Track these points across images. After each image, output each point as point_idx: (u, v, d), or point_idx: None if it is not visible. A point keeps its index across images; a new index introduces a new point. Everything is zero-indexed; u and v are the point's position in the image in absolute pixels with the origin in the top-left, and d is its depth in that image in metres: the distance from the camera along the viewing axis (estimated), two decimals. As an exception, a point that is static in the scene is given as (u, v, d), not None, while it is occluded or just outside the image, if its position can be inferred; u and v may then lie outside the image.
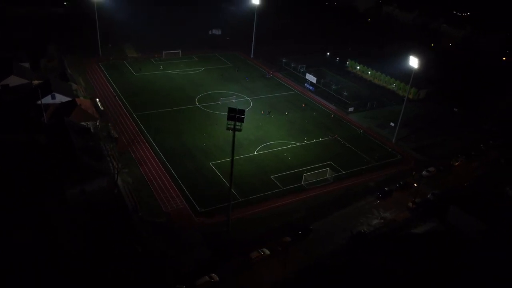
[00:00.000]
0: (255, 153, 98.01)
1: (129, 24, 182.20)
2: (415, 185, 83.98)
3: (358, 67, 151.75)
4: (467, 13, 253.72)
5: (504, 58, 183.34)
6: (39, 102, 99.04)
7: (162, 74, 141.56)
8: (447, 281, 57.74)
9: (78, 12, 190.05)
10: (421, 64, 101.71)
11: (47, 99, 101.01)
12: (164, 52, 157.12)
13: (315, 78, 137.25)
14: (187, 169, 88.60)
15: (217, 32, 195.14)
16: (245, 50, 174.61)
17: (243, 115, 62.15)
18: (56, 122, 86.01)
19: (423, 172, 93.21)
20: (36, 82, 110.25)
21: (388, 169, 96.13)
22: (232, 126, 63.01)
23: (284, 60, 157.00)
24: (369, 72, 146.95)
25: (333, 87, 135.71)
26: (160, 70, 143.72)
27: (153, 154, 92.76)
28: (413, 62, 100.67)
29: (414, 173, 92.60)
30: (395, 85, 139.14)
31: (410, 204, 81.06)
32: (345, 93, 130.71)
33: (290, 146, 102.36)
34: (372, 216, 78.72)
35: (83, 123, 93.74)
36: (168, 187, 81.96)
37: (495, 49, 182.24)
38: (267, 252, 66.14)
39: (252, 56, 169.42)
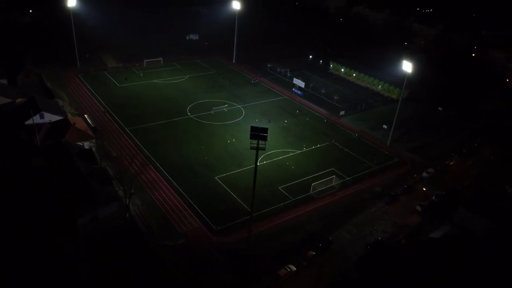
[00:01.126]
0: (258, 164, 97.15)
1: (104, 32, 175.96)
2: (424, 189, 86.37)
3: (342, 70, 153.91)
4: (430, 9, 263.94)
5: (473, 54, 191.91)
6: (28, 122, 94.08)
7: (147, 84, 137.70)
8: (472, 284, 59.87)
9: (47, 20, 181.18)
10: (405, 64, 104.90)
11: (35, 119, 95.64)
12: (145, 60, 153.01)
13: (303, 83, 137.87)
14: (193, 185, 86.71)
15: (194, 37, 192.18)
16: (226, 55, 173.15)
17: (266, 133, 61.34)
18: (54, 144, 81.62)
19: (423, 174, 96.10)
20: (19, 100, 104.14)
21: (388, 173, 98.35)
22: (256, 145, 61.93)
23: (269, 65, 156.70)
24: (354, 74, 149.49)
25: (323, 91, 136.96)
26: (142, 77, 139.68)
27: (156, 172, 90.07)
28: (407, 66, 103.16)
29: (415, 175, 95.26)
30: (380, 87, 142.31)
31: (417, 208, 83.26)
32: (335, 97, 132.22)
33: (291, 154, 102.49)
34: (385, 222, 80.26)
35: (79, 143, 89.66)
36: (178, 206, 79.90)
37: (465, 46, 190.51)
38: (294, 268, 65.95)
39: (234, 61, 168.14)
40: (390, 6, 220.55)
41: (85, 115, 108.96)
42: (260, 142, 61.92)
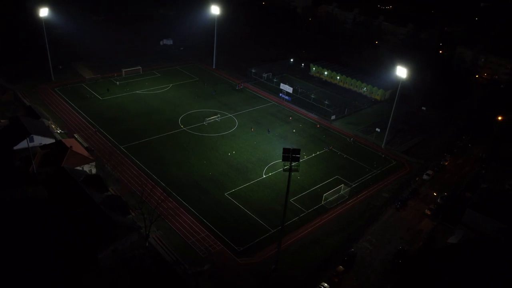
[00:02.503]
0: (264, 176, 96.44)
1: (73, 41, 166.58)
2: (434, 194, 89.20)
3: (326, 73, 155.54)
4: (389, 6, 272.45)
5: (440, 52, 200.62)
6: (17, 147, 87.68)
7: (131, 95, 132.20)
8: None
9: (14, 33, 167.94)
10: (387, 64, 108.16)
11: (23, 143, 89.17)
12: (123, 70, 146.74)
13: (291, 88, 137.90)
14: (205, 204, 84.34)
15: (168, 42, 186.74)
16: (205, 60, 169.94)
17: (299, 154, 60.65)
18: (55, 171, 76.25)
19: (424, 176, 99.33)
20: (3, 122, 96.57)
21: (390, 177, 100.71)
22: (288, 167, 61.04)
23: (253, 71, 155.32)
24: (338, 77, 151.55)
25: (312, 96, 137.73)
26: (121, 88, 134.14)
27: (164, 193, 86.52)
28: (401, 71, 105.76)
29: (417, 178, 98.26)
30: (366, 89, 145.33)
31: (427, 211, 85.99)
32: (326, 102, 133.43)
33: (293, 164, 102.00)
34: (400, 228, 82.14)
35: (78, 167, 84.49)
36: (195, 228, 77.34)
37: (433, 43, 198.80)
38: (326, 285, 65.95)
39: (214, 67, 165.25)
40: (359, 5, 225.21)
41: (75, 135, 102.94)
42: (294, 163, 61.01)
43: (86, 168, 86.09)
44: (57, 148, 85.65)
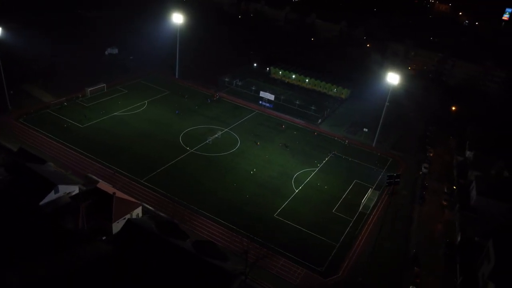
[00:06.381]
0: (296, 191, 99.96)
1: (8, 57, 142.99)
2: (454, 187, 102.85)
3: (294, 76, 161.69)
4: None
5: (368, 45, 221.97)
6: (44, 202, 76.91)
7: (111, 119, 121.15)
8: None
9: None
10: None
11: (50, 196, 78.45)
12: (88, 89, 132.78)
13: (272, 96, 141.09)
14: (264, 230, 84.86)
15: (113, 51, 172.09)
16: (162, 70, 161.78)
17: (399, 178, 66.47)
18: (124, 228, 69.54)
19: (423, 170, 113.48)
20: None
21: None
22: (391, 192, 66.56)
23: (226, 79, 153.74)
24: (307, 80, 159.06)
25: (297, 102, 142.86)
26: (94, 110, 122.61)
27: (219, 226, 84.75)
28: (392, 78, 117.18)
29: (420, 172, 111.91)
30: (336, 90, 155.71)
31: (444, 202, 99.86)
32: (312, 107, 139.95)
33: (313, 174, 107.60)
34: (435, 223, 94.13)
35: (128, 215, 77.82)
36: (274, 258, 77.37)
37: (362, 39, 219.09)
38: None
39: (177, 76, 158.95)
40: (290, 3, 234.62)
41: (88, 174, 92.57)
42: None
43: (134, 214, 79.58)
44: (102, 197, 77.15)
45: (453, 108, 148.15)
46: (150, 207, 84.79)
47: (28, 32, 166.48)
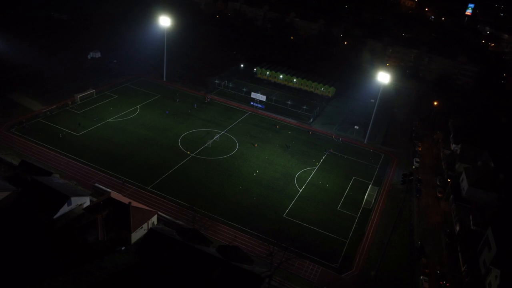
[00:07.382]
0: (300, 190, 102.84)
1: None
2: (449, 180, 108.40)
3: (281, 76, 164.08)
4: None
5: (345, 43, 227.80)
6: (58, 215, 76.06)
7: (106, 126, 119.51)
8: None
9: None
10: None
11: (63, 209, 77.57)
12: (78, 96, 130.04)
13: (264, 96, 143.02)
14: (279, 231, 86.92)
15: (96, 54, 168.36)
16: (149, 73, 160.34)
17: (412, 176, 70.30)
18: (147, 237, 69.95)
19: (414, 164, 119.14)
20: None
21: (390, 169, 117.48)
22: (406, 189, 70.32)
23: (216, 81, 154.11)
24: (295, 80, 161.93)
25: (289, 102, 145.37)
26: (86, 117, 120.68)
27: (234, 230, 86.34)
28: (383, 77, 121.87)
29: (413, 167, 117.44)
30: (323, 88, 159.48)
31: (439, 194, 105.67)
32: (304, 107, 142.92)
33: (313, 173, 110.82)
34: (434, 213, 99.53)
35: (145, 224, 78.11)
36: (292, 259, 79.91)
37: (339, 37, 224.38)
38: (425, 278, 78.84)
39: (165, 79, 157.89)
40: (269, 2, 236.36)
41: (96, 184, 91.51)
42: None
43: (150, 222, 79.88)
44: (115, 207, 76.94)
45: (435, 103, 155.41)
46: (166, 215, 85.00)
47: (5, 37, 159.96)
